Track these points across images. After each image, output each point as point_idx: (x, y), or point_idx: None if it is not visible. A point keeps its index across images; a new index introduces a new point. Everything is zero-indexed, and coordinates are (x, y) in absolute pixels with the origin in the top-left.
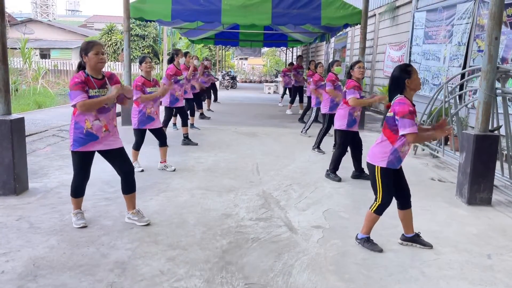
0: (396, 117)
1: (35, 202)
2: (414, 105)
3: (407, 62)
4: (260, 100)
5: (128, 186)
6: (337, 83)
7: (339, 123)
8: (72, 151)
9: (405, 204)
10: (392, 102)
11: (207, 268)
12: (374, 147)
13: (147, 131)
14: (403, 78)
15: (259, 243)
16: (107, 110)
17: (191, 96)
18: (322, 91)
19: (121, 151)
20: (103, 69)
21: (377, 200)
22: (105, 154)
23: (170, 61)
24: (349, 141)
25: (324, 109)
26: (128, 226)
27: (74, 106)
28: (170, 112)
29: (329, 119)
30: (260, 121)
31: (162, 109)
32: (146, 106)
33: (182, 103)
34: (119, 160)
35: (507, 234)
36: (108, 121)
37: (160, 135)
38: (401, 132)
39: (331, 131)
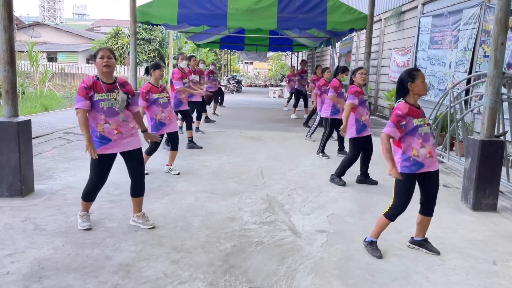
0: None
1: (40, 204)
2: (418, 108)
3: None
4: (265, 104)
5: (138, 190)
6: (340, 90)
7: (350, 132)
8: None
9: (425, 211)
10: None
11: (211, 271)
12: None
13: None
14: (406, 81)
15: (263, 247)
16: (116, 114)
17: (199, 99)
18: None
19: (137, 152)
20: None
21: (390, 204)
22: (123, 154)
23: (177, 65)
24: (361, 148)
25: (325, 114)
26: (132, 229)
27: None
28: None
29: (331, 124)
30: (265, 125)
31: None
32: (155, 112)
33: (186, 106)
34: (133, 161)
35: None
36: (119, 123)
37: (173, 138)
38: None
39: (334, 135)
